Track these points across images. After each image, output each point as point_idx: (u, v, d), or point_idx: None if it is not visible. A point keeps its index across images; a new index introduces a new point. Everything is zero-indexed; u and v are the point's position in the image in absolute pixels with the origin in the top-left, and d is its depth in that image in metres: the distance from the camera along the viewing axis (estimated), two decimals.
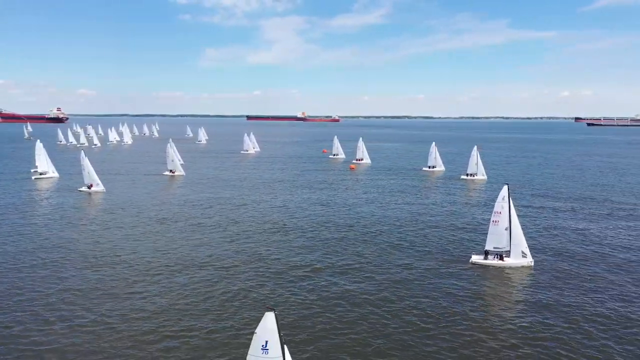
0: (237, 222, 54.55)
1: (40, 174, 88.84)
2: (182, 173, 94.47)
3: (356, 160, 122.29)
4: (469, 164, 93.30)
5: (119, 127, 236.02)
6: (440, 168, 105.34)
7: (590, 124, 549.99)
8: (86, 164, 74.25)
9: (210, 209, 61.59)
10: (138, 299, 32.52)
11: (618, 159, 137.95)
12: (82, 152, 77.99)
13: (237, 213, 59.50)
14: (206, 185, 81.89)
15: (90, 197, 70.03)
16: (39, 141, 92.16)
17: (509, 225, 40.38)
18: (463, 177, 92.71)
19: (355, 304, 32.17)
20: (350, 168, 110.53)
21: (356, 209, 62.39)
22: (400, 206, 64.60)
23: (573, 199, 70.60)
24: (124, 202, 66.01)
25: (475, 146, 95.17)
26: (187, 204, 64.85)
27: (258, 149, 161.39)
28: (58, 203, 65.63)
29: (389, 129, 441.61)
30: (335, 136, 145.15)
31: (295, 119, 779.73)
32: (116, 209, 61.11)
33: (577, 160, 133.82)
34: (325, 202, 67.57)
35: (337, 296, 33.34)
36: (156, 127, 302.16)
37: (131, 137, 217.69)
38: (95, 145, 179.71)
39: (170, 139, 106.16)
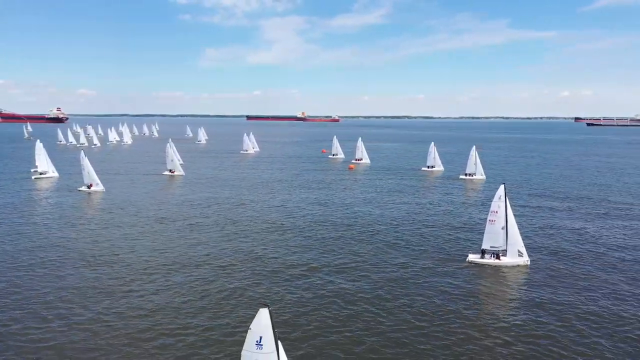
0: (234, 222, 54.79)
1: (40, 174, 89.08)
2: (182, 173, 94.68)
3: (355, 160, 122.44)
4: (468, 164, 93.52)
5: (119, 127, 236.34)
6: (439, 168, 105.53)
7: (589, 124, 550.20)
8: (86, 163, 74.47)
9: (209, 209, 61.84)
10: (135, 297, 32.75)
11: (616, 158, 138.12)
12: (81, 152, 78.22)
13: (235, 212, 59.75)
14: (205, 185, 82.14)
15: (90, 197, 70.29)
16: (38, 141, 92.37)
17: (505, 225, 40.59)
18: (462, 176, 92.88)
19: (351, 302, 32.38)
20: (349, 168, 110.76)
21: (354, 209, 62.62)
22: (397, 206, 64.83)
23: (570, 198, 70.83)
24: (123, 201, 66.27)
25: (474, 146, 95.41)
26: (185, 204, 65.10)
27: (257, 149, 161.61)
28: (57, 203, 65.90)
29: (388, 129, 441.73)
30: (335, 136, 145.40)
31: (295, 119, 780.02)
32: (115, 209, 61.38)
33: (575, 160, 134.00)
34: (323, 201, 67.79)
35: (333, 294, 33.56)
36: (156, 127, 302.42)
37: (131, 137, 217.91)
38: (95, 145, 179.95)
39: (170, 139, 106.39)
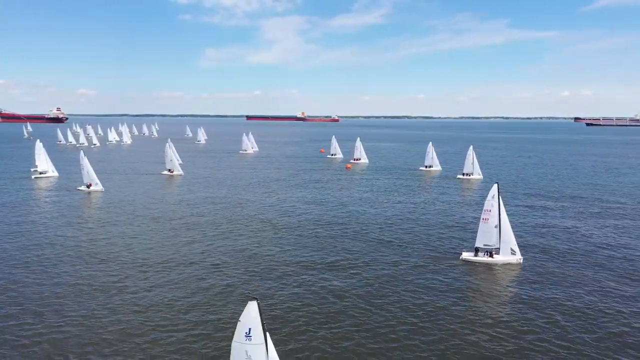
0: (230, 221, 55.38)
1: (40, 173, 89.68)
2: (181, 172, 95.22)
3: (354, 160, 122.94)
4: (465, 164, 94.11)
5: (119, 127, 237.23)
6: (437, 168, 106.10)
7: (589, 124, 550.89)
8: (85, 163, 75.05)
9: (205, 208, 62.43)
10: (129, 293, 33.40)
11: (613, 158, 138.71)
12: (81, 151, 78.81)
13: (231, 211, 60.33)
14: (203, 185, 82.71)
15: (89, 196, 70.87)
16: (38, 141, 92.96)
17: (498, 223, 41.20)
18: (459, 176, 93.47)
19: (341, 298, 32.99)
20: (346, 167, 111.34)
21: (349, 208, 63.18)
22: (393, 205, 65.39)
23: (564, 197, 71.42)
24: (122, 201, 66.85)
25: (471, 146, 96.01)
26: (183, 203, 65.68)
27: (256, 149, 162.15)
28: (57, 202, 66.49)
29: (388, 129, 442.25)
30: (333, 136, 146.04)
31: (294, 119, 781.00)
32: (113, 208, 61.95)
33: (572, 160, 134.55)
34: (318, 200, 68.37)
35: (324, 291, 34.12)
36: (155, 127, 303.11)
37: (130, 137, 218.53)
38: (95, 145, 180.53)
39: (169, 139, 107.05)
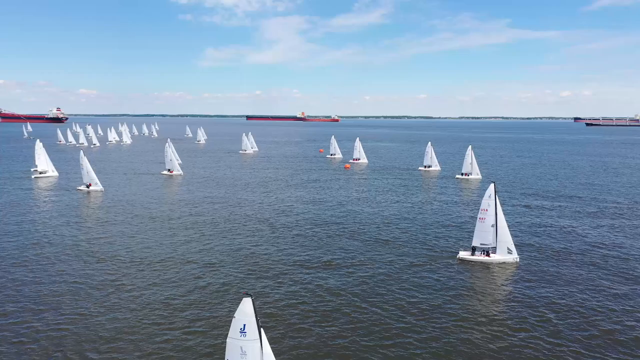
0: (228, 220, 55.68)
1: (40, 173, 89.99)
2: (180, 172, 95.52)
3: (353, 159, 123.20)
4: (464, 164, 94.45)
5: (118, 127, 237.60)
6: (436, 167, 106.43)
7: (589, 124, 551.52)
8: (85, 163, 75.32)
9: (204, 207, 62.71)
10: (125, 291, 33.75)
11: (611, 158, 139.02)
12: (81, 151, 79.09)
13: (229, 211, 60.62)
14: (202, 185, 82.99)
15: (88, 196, 71.14)
16: (38, 141, 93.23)
17: (495, 223, 41.49)
18: (458, 176, 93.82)
19: (337, 295, 33.35)
20: (345, 167, 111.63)
21: (347, 207, 63.46)
22: (391, 204, 65.67)
23: (562, 197, 71.71)
24: (121, 200, 67.13)
25: (470, 146, 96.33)
26: (181, 203, 65.97)
27: (256, 149, 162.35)
28: (56, 201, 66.78)
29: (388, 129, 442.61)
30: (333, 136, 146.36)
31: (294, 119, 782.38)
32: (112, 207, 62.24)
33: (570, 160, 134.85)
34: (316, 200, 68.67)
35: (319, 289, 34.42)
36: (155, 127, 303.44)
37: (130, 137, 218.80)
38: (94, 145, 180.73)
39: (169, 139, 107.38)
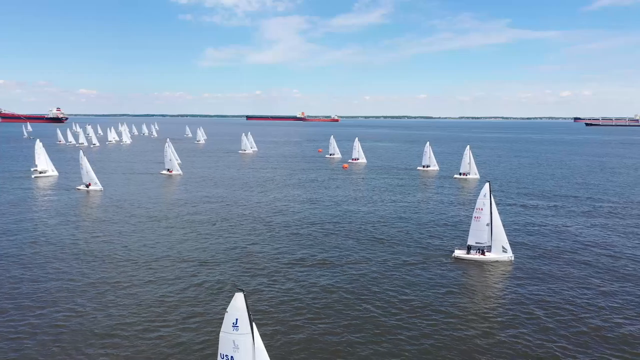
0: (225, 219, 56.11)
1: (40, 173, 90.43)
2: (179, 172, 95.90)
3: (352, 159, 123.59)
4: (462, 163, 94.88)
5: (118, 127, 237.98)
6: (435, 167, 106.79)
7: (588, 124, 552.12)
8: (84, 163, 75.72)
9: (202, 207, 63.12)
10: (121, 289, 34.18)
11: (609, 158, 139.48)
12: (80, 151, 79.52)
13: (227, 210, 61.05)
14: (201, 184, 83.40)
15: (88, 195, 71.56)
16: (38, 140, 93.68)
17: (490, 222, 41.91)
18: (456, 176, 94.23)
19: (331, 292, 33.80)
20: (343, 167, 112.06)
21: (343, 207, 63.86)
22: (388, 204, 66.08)
23: (558, 197, 72.13)
24: (120, 200, 67.54)
25: (468, 146, 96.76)
26: (180, 202, 66.38)
27: (255, 149, 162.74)
28: (56, 201, 67.20)
29: (387, 129, 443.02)
30: (332, 136, 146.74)
31: (294, 119, 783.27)
32: (111, 207, 62.65)
33: (568, 159, 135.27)
34: (314, 199, 69.09)
35: (313, 287, 34.83)
36: (155, 127, 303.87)
37: (130, 137, 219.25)
38: (94, 145, 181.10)
39: (168, 139, 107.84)
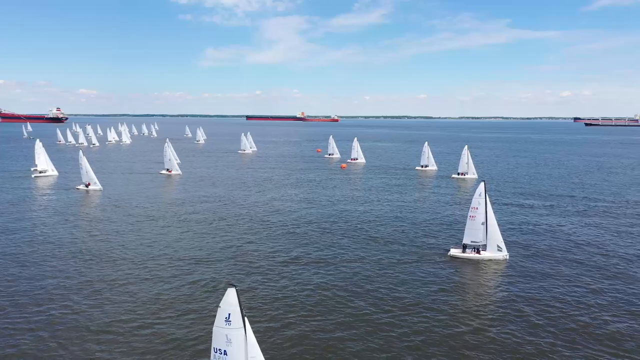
0: (223, 218, 56.51)
1: (40, 172, 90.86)
2: (179, 172, 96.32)
3: (351, 159, 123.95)
4: (460, 163, 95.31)
5: (118, 127, 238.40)
6: (433, 167, 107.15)
7: (588, 124, 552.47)
8: (84, 163, 76.13)
9: (200, 206, 63.53)
10: (117, 287, 34.59)
11: (607, 158, 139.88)
12: (80, 151, 79.93)
13: (224, 210, 61.48)
14: (200, 184, 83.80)
15: (87, 195, 72.00)
16: (38, 140, 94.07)
17: (485, 221, 42.34)
18: (454, 176, 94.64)
19: (325, 290, 34.24)
20: (342, 167, 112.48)
21: (340, 206, 64.23)
22: (385, 203, 66.47)
23: (553, 197, 72.52)
24: (119, 199, 67.95)
25: (466, 145, 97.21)
26: (178, 201, 66.80)
27: (255, 149, 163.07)
28: (55, 200, 67.65)
29: (387, 129, 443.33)
30: (331, 136, 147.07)
31: (294, 119, 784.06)
32: (110, 206, 63.07)
33: (566, 159, 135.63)
34: (311, 199, 69.49)
35: (307, 284, 35.22)
36: (155, 127, 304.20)
37: (130, 137, 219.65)
38: (94, 145, 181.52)
39: (168, 139, 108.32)
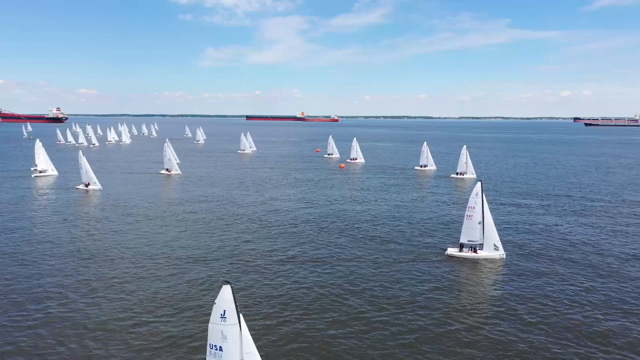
0: (221, 218, 56.79)
1: (40, 172, 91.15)
2: (178, 172, 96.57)
3: (350, 159, 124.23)
4: (459, 163, 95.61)
5: (118, 127, 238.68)
6: (432, 167, 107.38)
7: (587, 124, 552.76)
8: (84, 163, 76.42)
9: (199, 206, 63.79)
10: (114, 286, 34.89)
11: (605, 158, 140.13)
12: (80, 151, 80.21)
13: (223, 209, 61.75)
14: (199, 184, 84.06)
15: (87, 195, 72.28)
16: (38, 140, 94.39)
17: (482, 220, 42.62)
18: (453, 175, 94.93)
19: (322, 288, 34.51)
20: (340, 167, 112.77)
21: (338, 206, 64.49)
22: (384, 203, 66.75)
23: (551, 196, 72.84)
24: (118, 199, 68.22)
25: (465, 145, 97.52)
26: (177, 201, 67.07)
27: (254, 149, 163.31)
28: (55, 200, 67.93)
29: (387, 129, 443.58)
30: (330, 136, 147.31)
31: (294, 119, 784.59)
32: (109, 206, 63.34)
33: (564, 159, 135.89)
34: (309, 199, 69.75)
35: (304, 283, 35.48)
36: (155, 127, 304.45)
37: (129, 137, 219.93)
38: (94, 144, 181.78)
39: (167, 139, 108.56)
